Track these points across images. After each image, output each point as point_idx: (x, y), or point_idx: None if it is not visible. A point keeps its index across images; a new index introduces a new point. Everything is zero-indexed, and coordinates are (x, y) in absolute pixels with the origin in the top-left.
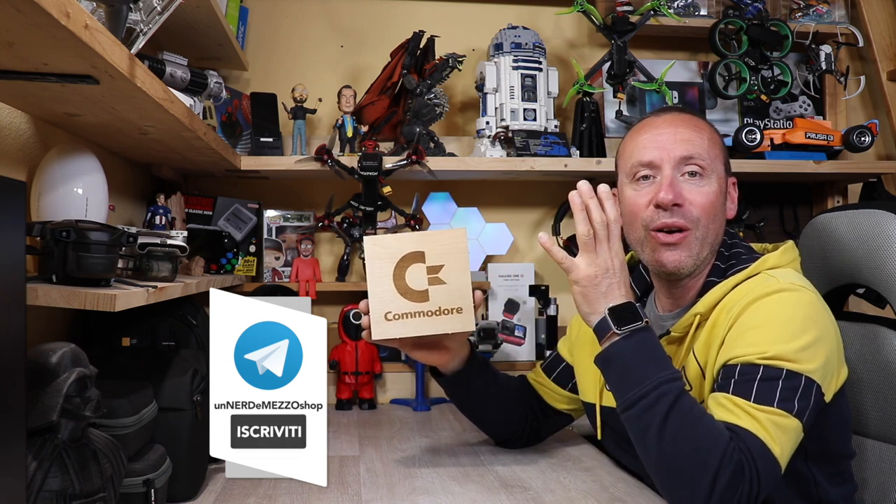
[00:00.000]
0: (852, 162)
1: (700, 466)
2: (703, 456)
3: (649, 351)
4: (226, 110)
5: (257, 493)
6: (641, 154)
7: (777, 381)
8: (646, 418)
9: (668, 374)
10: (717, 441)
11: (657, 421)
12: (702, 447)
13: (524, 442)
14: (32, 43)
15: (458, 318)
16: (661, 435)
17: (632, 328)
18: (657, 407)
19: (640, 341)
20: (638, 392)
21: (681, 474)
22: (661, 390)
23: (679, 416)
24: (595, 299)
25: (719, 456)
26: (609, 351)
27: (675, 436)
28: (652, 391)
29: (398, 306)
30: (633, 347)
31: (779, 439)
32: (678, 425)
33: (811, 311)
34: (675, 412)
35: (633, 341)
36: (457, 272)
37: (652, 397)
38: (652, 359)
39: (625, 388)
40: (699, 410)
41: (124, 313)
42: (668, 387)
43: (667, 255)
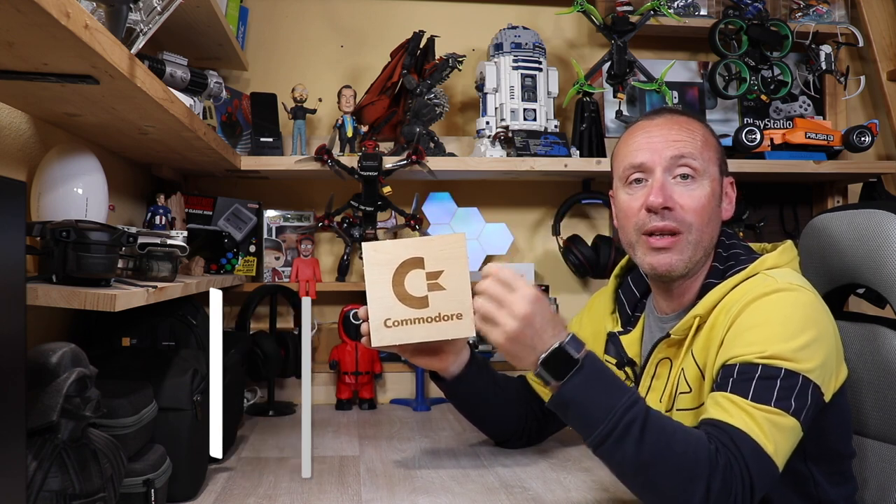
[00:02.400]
0: (852, 162)
1: (689, 481)
2: (690, 470)
3: (598, 383)
4: (226, 110)
5: (257, 493)
6: (633, 157)
7: (775, 381)
8: (620, 451)
9: (627, 399)
10: (699, 451)
11: (632, 450)
12: (685, 463)
13: (524, 442)
14: (32, 43)
15: (457, 323)
16: (640, 463)
17: (570, 373)
18: (628, 436)
19: (584, 378)
20: (604, 428)
21: (672, 494)
22: (628, 418)
23: (653, 437)
24: (523, 357)
25: (706, 465)
26: (557, 399)
27: (655, 459)
28: (619, 422)
29: (397, 313)
30: (580, 387)
31: (773, 437)
32: (655, 448)
33: (810, 310)
34: (647, 435)
35: (577, 381)
36: (456, 278)
37: (620, 428)
38: (604, 390)
39: (588, 427)
40: (669, 426)
41: (124, 313)
42: (633, 413)
43: (658, 259)
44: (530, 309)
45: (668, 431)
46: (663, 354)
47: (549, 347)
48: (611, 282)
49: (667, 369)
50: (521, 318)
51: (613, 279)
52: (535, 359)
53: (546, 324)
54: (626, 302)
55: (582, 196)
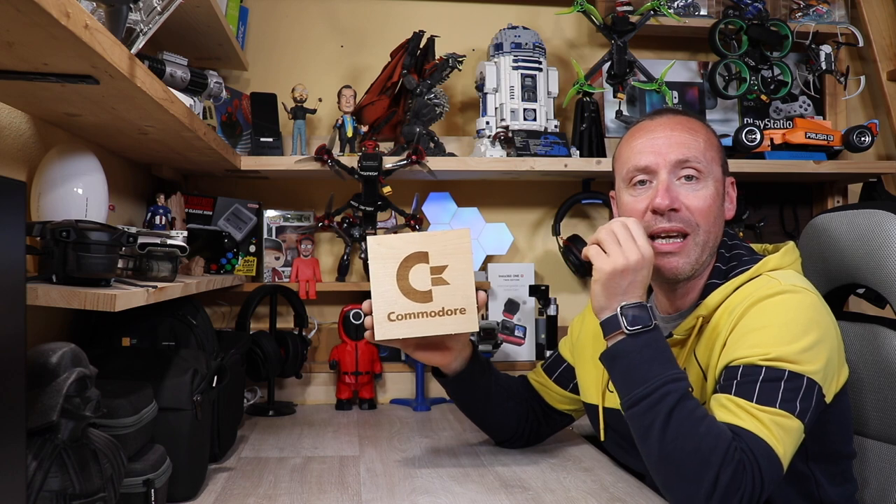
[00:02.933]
0: (852, 162)
1: (702, 465)
2: (705, 454)
3: (656, 350)
4: (226, 110)
5: (257, 493)
6: (637, 159)
7: (779, 383)
8: (649, 416)
9: (673, 374)
10: (719, 441)
11: (660, 419)
12: (703, 446)
13: (524, 442)
14: (32, 43)
15: (461, 318)
16: (663, 433)
17: (640, 329)
18: (661, 405)
19: (647, 341)
20: (642, 390)
21: (682, 472)
22: (666, 389)
23: (682, 415)
24: (613, 295)
25: (721, 455)
26: (615, 348)
27: (678, 434)
28: (656, 390)
29: (401, 307)
30: (639, 346)
31: (782, 439)
32: (681, 424)
33: (813, 312)
34: (678, 411)
35: (640, 340)
36: (460, 272)
37: (656, 396)
38: (657, 358)
39: (629, 385)
40: (702, 411)
41: (124, 313)
42: (673, 386)
43: (665, 262)
44: (641, 261)
45: (697, 415)
46: None
47: (636, 301)
48: None
49: None
50: (632, 262)
51: None
52: (618, 303)
53: (641, 283)
54: None
55: (582, 196)
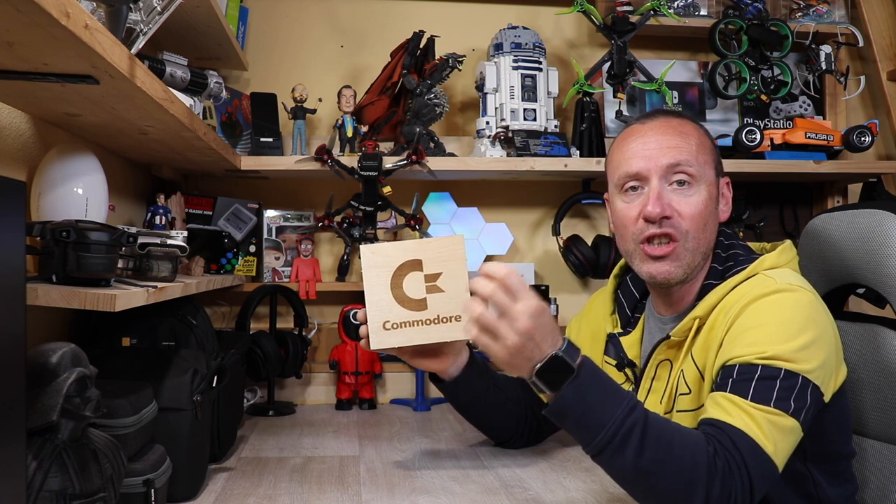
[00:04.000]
0: (852, 162)
1: (689, 485)
2: (689, 475)
3: (595, 390)
4: (226, 110)
5: (257, 493)
6: (628, 165)
7: (775, 381)
8: (620, 459)
9: (626, 406)
10: (697, 454)
11: (632, 457)
12: (685, 468)
13: (524, 443)
14: (32, 43)
15: (456, 325)
16: (640, 469)
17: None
18: (629, 443)
19: (580, 386)
20: (603, 436)
21: (673, 499)
22: (627, 425)
23: (652, 443)
24: (520, 367)
25: (705, 469)
26: (555, 407)
27: (655, 465)
28: (618, 430)
29: (396, 315)
30: (577, 395)
31: (773, 437)
32: (654, 454)
33: (809, 311)
34: (647, 442)
35: (572, 388)
36: (455, 280)
37: (620, 435)
38: (601, 398)
39: (587, 436)
40: (667, 429)
41: (124, 313)
42: (632, 419)
43: (656, 267)
44: (533, 323)
45: (666, 436)
46: (663, 356)
47: (545, 357)
48: (610, 282)
49: (667, 371)
50: (524, 332)
51: (612, 279)
52: (531, 368)
53: (546, 335)
54: (626, 303)
55: (582, 196)
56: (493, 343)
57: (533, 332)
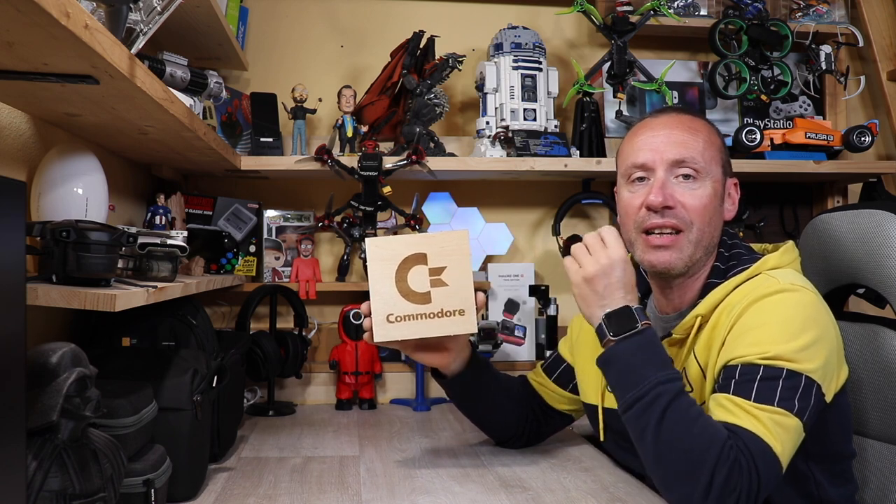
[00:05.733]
0: (852, 162)
1: (696, 464)
2: (699, 454)
3: (647, 353)
4: (226, 110)
5: (257, 493)
6: (636, 156)
7: (777, 381)
8: (644, 418)
9: (666, 375)
10: (714, 439)
11: (654, 420)
12: (698, 445)
13: (524, 442)
14: (32, 43)
15: (460, 319)
16: (657, 434)
17: (627, 333)
18: (654, 407)
19: (637, 344)
20: (636, 393)
21: (678, 472)
22: (658, 390)
23: (676, 415)
24: (592, 303)
25: (716, 454)
26: (608, 353)
27: (671, 434)
28: (649, 391)
29: (400, 308)
30: (630, 350)
31: (780, 438)
32: (674, 424)
33: (812, 311)
34: (671, 411)
35: (630, 344)
36: (459, 274)
37: (649, 397)
38: (650, 360)
39: (624, 389)
40: (696, 410)
41: (124, 313)
42: (665, 387)
43: (657, 256)
44: (612, 265)
45: (691, 415)
46: None
47: (619, 305)
48: None
49: None
50: (602, 266)
51: None
52: (602, 311)
53: (620, 284)
54: None
55: (582, 196)
56: (574, 268)
57: (610, 270)
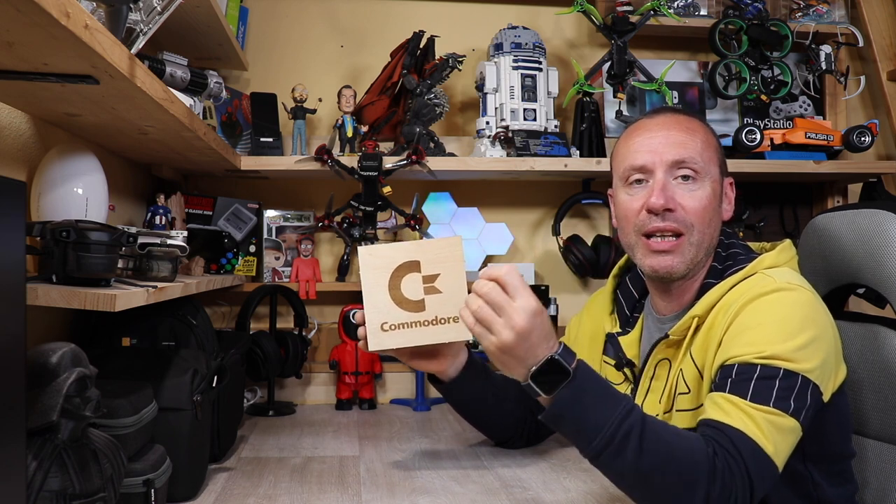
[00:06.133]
0: (852, 162)
1: (689, 487)
2: (689, 475)
3: (591, 394)
4: (226, 110)
5: (257, 493)
6: (634, 158)
7: (774, 381)
8: (618, 462)
9: (623, 409)
10: (696, 455)
11: (630, 460)
12: (684, 469)
13: (524, 443)
14: (32, 43)
15: (454, 327)
16: (639, 474)
17: (561, 386)
18: (627, 448)
19: (577, 390)
20: (600, 440)
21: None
22: (624, 429)
23: (651, 446)
24: (513, 368)
25: (705, 470)
26: (551, 411)
27: (654, 468)
28: (616, 433)
29: (394, 317)
30: (573, 399)
31: (772, 437)
32: (653, 456)
33: (808, 310)
34: (646, 446)
35: (569, 393)
36: (453, 281)
37: (618, 439)
38: (598, 401)
39: (585, 440)
40: (665, 431)
41: (124, 313)
42: (629, 423)
43: (658, 261)
44: (529, 323)
45: (665, 439)
46: (662, 355)
47: (540, 360)
48: (609, 282)
49: (666, 370)
50: (519, 331)
51: (612, 279)
52: (526, 370)
53: (542, 338)
54: (625, 302)
55: (582, 196)
56: (488, 337)
57: (529, 332)
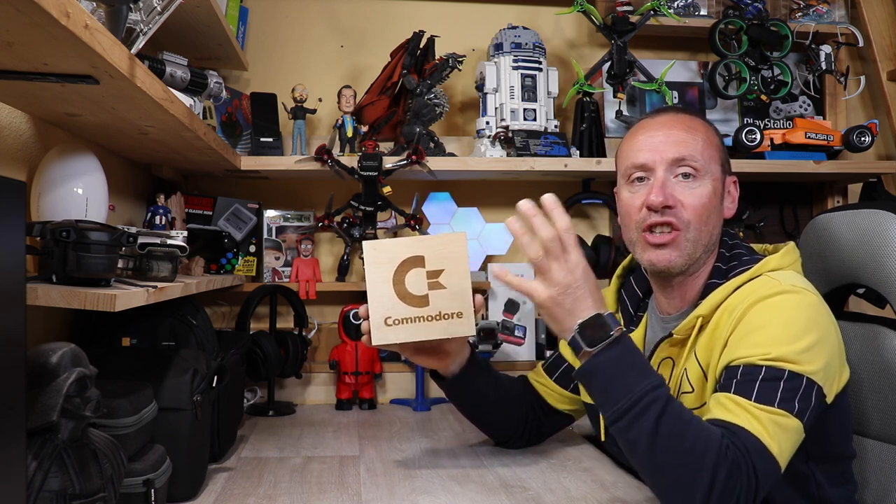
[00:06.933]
0: (852, 162)
1: (696, 470)
2: (698, 459)
3: (627, 361)
4: (226, 110)
5: (257, 493)
6: (636, 156)
7: (779, 382)
8: (635, 429)
9: (652, 382)
10: (710, 442)
11: (647, 430)
12: (695, 450)
13: (524, 442)
14: (32, 43)
15: (458, 322)
16: (653, 444)
17: (604, 343)
18: (646, 416)
19: (616, 353)
20: (624, 404)
21: (677, 479)
22: (648, 399)
23: (669, 423)
24: (562, 319)
25: (714, 457)
26: (587, 367)
27: (668, 443)
28: (639, 401)
29: (398, 311)
30: (610, 361)
31: (777, 437)
32: (669, 432)
33: (813, 312)
34: (664, 420)
35: (608, 354)
36: (457, 276)
37: (639, 407)
38: (632, 368)
39: (610, 401)
40: (687, 414)
41: (124, 313)
42: (655, 394)
43: (656, 254)
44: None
45: (684, 420)
46: (665, 354)
47: (589, 314)
48: (613, 281)
49: (668, 369)
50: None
51: (616, 279)
52: (573, 323)
53: (588, 293)
54: (629, 301)
55: (582, 196)
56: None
57: (578, 282)
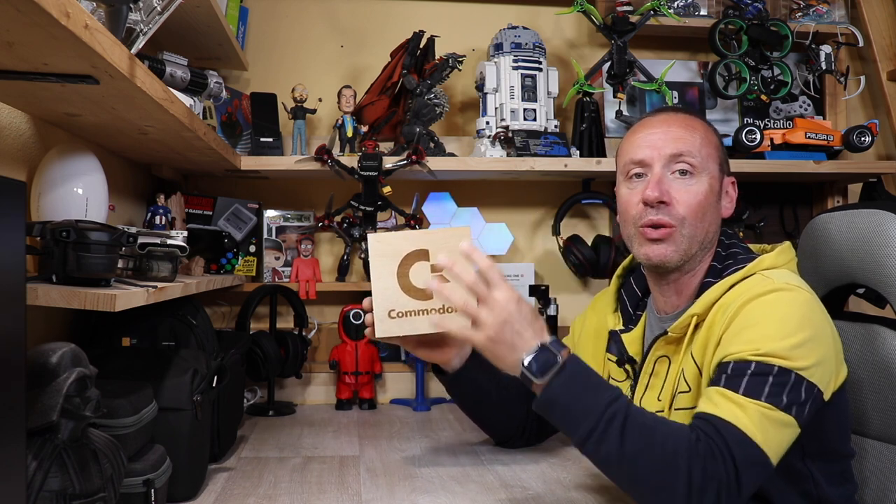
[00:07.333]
0: (852, 162)
1: (671, 470)
2: (669, 459)
3: (580, 382)
4: (226, 110)
5: (257, 493)
6: (634, 152)
7: (767, 377)
8: (603, 448)
9: (608, 397)
10: (678, 440)
11: (614, 446)
12: (666, 452)
13: (525, 442)
14: (32, 43)
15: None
16: (622, 457)
17: (553, 371)
18: (609, 433)
19: (567, 378)
20: (585, 427)
21: (655, 485)
22: (608, 415)
23: (633, 432)
24: (505, 356)
25: (685, 453)
26: (542, 398)
27: (637, 453)
28: (599, 420)
29: (402, 304)
30: (563, 387)
31: (762, 427)
32: (635, 442)
33: (806, 310)
34: (628, 431)
35: (559, 381)
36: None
37: (602, 426)
38: (586, 390)
39: (572, 426)
40: (650, 418)
41: (124, 313)
42: (613, 409)
43: (652, 249)
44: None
45: (648, 426)
46: (661, 352)
47: (533, 347)
48: (613, 281)
49: (665, 367)
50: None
51: (616, 279)
52: (518, 358)
53: (526, 325)
54: (628, 301)
55: (582, 196)
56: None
57: (512, 317)
